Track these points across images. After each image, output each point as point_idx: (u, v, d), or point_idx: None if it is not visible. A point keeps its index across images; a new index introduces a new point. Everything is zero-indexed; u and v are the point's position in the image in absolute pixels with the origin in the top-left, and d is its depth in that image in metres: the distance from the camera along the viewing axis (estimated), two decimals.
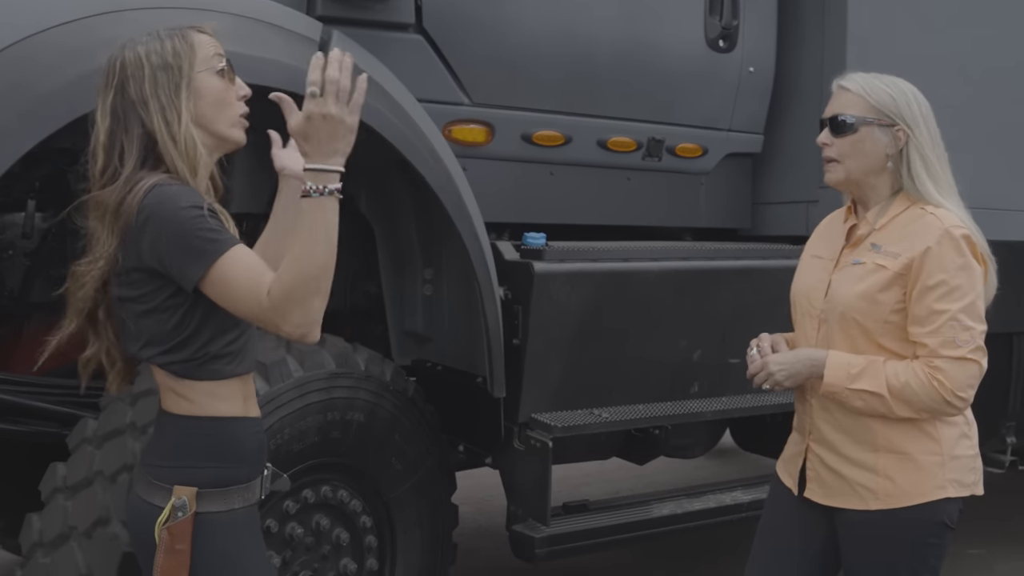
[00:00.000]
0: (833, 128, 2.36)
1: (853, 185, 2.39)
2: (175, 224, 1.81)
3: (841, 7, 3.76)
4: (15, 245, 3.19)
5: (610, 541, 3.30)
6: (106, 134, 1.90)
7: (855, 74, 2.40)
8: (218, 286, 1.82)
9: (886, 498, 2.28)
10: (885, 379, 2.24)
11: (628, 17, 3.52)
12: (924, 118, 2.33)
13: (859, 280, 2.31)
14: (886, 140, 2.32)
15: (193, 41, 1.96)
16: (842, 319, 2.32)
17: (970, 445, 2.36)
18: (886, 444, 2.29)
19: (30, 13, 2.44)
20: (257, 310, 1.80)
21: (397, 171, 3.07)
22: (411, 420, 3.05)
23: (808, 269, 2.49)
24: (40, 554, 2.50)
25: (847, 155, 2.34)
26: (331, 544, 2.93)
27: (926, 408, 2.24)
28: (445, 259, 3.24)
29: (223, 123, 1.98)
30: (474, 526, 5.35)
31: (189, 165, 1.89)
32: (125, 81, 1.90)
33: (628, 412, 3.28)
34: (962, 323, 2.21)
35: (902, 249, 2.27)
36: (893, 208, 2.35)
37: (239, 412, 1.96)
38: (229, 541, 1.92)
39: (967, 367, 2.22)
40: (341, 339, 3.00)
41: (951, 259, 2.23)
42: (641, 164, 3.68)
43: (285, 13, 2.79)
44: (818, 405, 2.39)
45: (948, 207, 2.30)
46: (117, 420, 2.55)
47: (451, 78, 3.24)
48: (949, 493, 2.28)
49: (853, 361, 2.28)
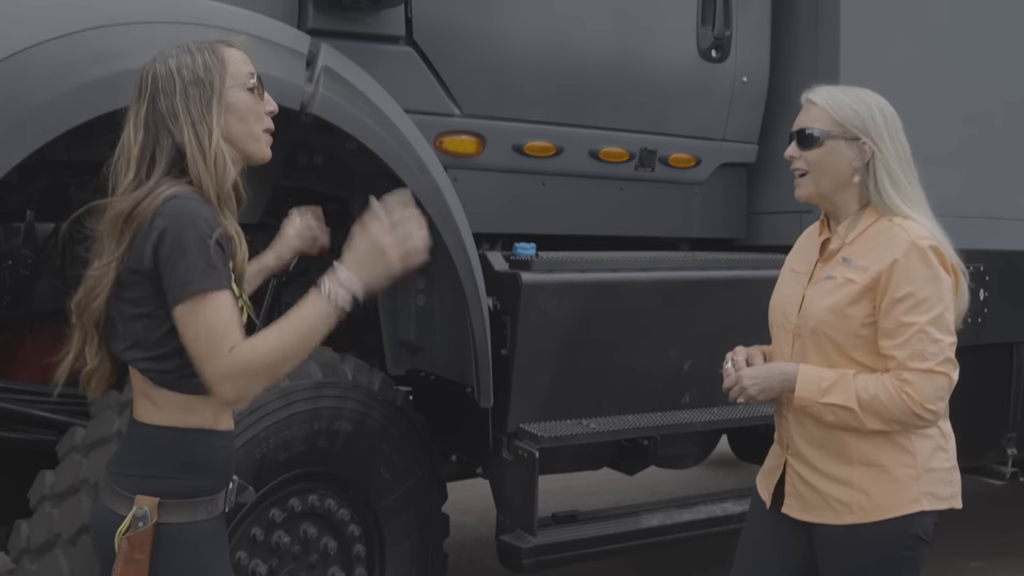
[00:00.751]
0: (800, 142, 2.38)
1: (823, 199, 2.40)
2: (181, 241, 1.83)
3: (834, 16, 3.76)
4: (15, 255, 3.24)
5: (598, 551, 3.31)
6: (139, 146, 1.91)
7: (822, 87, 2.41)
8: (188, 317, 1.84)
9: (860, 512, 2.28)
10: (855, 392, 2.23)
11: (619, 28, 3.54)
12: (890, 131, 2.34)
13: (829, 294, 2.32)
14: (851, 154, 2.33)
15: (224, 56, 1.98)
16: (814, 334, 2.33)
17: (946, 458, 2.34)
18: (860, 458, 2.28)
19: (24, 27, 2.48)
20: (209, 359, 1.83)
21: (390, 181, 3.10)
22: (400, 430, 3.07)
23: (785, 283, 2.50)
24: (27, 560, 2.54)
25: (814, 168, 2.36)
26: (319, 553, 2.95)
27: (896, 420, 2.23)
28: (437, 270, 3.26)
29: (251, 138, 2.01)
30: (476, 536, 5.36)
31: (217, 180, 1.91)
32: (156, 94, 1.92)
33: (617, 423, 3.29)
34: (930, 335, 2.21)
35: (870, 262, 2.27)
36: (862, 222, 2.35)
37: (208, 425, 1.97)
38: (190, 553, 1.92)
39: (935, 380, 2.21)
40: (329, 349, 3.02)
41: (918, 271, 2.23)
42: (634, 174, 3.70)
43: (274, 26, 2.82)
44: (793, 419, 2.40)
45: (916, 219, 2.30)
46: (104, 428, 2.58)
47: (442, 89, 3.27)
48: (924, 506, 2.27)
49: (824, 375, 2.28)
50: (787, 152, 2.41)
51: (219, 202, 1.92)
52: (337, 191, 3.33)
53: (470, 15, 3.26)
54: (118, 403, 2.64)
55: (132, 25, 2.55)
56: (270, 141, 2.05)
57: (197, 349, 1.85)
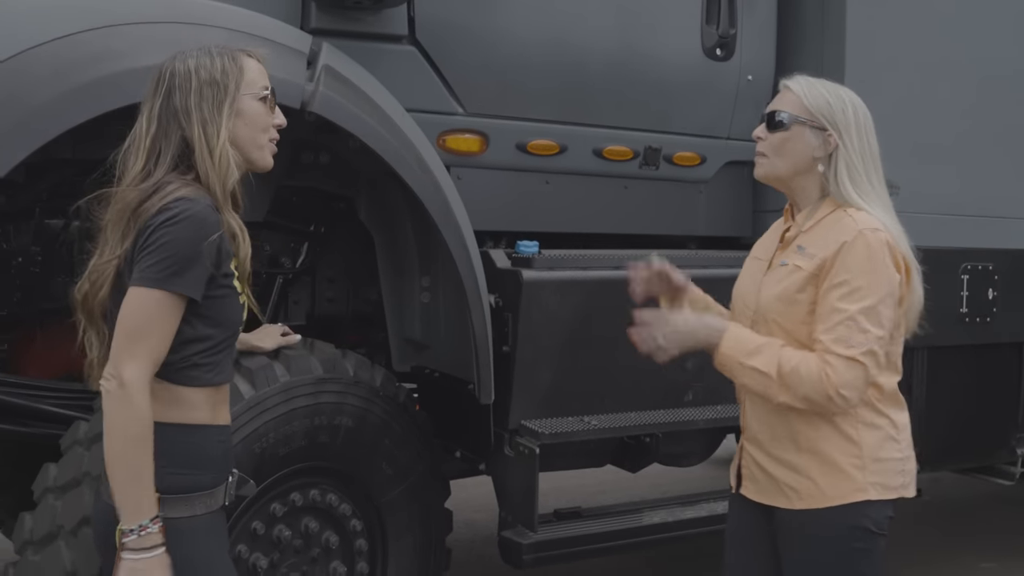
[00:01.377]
0: (768, 124, 2.42)
1: (781, 183, 2.44)
2: (172, 236, 1.88)
3: (840, 14, 3.76)
4: (25, 252, 3.29)
5: (599, 548, 3.32)
6: (150, 138, 1.98)
7: (801, 76, 2.47)
8: (132, 301, 1.88)
9: (808, 498, 2.31)
10: (777, 361, 2.24)
11: (623, 27, 3.55)
12: (859, 128, 2.36)
13: (779, 282, 2.36)
14: (815, 143, 2.36)
15: (242, 64, 2.05)
16: (765, 320, 2.36)
17: (898, 448, 2.36)
18: (807, 444, 2.31)
19: (26, 28, 2.53)
20: (124, 351, 1.87)
21: (393, 181, 3.12)
22: (402, 425, 3.10)
23: (747, 271, 2.54)
24: (30, 552, 2.58)
25: (775, 151, 2.40)
26: (320, 547, 2.98)
27: (806, 397, 2.23)
28: (441, 267, 3.28)
29: (255, 146, 2.07)
30: (487, 534, 5.37)
31: (220, 179, 1.97)
32: (172, 89, 1.99)
33: (619, 420, 3.30)
34: (859, 324, 2.21)
35: (819, 250, 2.30)
36: (820, 211, 2.38)
37: (207, 420, 2.00)
38: (190, 546, 1.96)
39: (855, 368, 2.21)
40: (330, 345, 3.05)
41: (859, 259, 2.24)
42: (638, 172, 3.70)
43: (275, 26, 2.86)
44: (749, 404, 2.44)
45: (869, 211, 2.32)
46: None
47: (444, 88, 3.29)
48: (870, 496, 2.28)
49: (752, 338, 2.31)
50: (755, 132, 2.46)
51: (223, 199, 1.97)
52: (342, 189, 3.36)
53: (472, 14, 3.28)
54: None
55: (133, 25, 2.59)
56: (274, 151, 2.12)
57: (120, 334, 1.89)
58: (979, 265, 4.19)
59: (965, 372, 4.26)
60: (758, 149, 2.44)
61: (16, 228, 3.22)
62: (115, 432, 1.87)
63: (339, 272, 3.64)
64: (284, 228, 3.44)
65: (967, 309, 4.16)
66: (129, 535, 1.86)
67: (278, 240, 3.45)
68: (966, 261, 4.16)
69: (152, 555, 1.86)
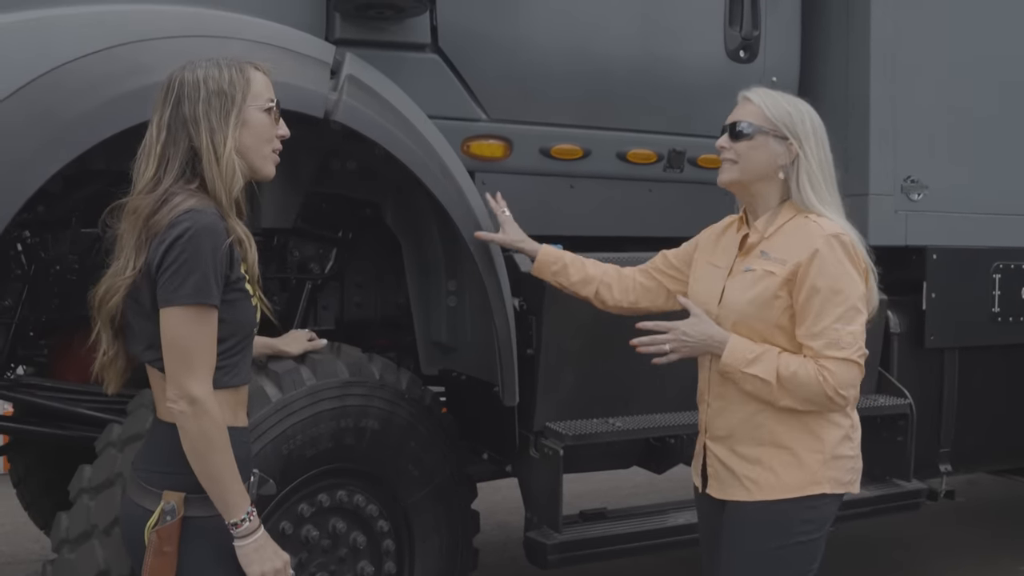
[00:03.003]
0: (732, 134, 2.53)
1: (744, 189, 2.54)
2: (189, 251, 1.94)
3: (864, 14, 3.75)
4: (63, 260, 3.39)
5: (624, 549, 3.33)
6: (160, 146, 2.05)
7: (759, 88, 2.57)
8: (171, 322, 1.96)
9: (767, 488, 2.42)
10: (776, 368, 2.36)
11: (645, 31, 3.57)
12: (816, 138, 2.48)
13: (750, 287, 2.45)
14: (779, 150, 2.46)
15: (250, 76, 2.12)
16: (735, 325, 2.45)
17: (852, 447, 2.49)
18: (772, 439, 2.42)
19: (61, 44, 2.61)
20: (185, 372, 1.96)
21: (418, 187, 3.17)
22: (428, 428, 3.14)
23: (705, 277, 2.64)
24: (66, 550, 2.67)
25: (741, 159, 2.50)
26: (348, 547, 3.03)
27: (809, 399, 2.36)
28: (466, 271, 3.32)
29: (259, 156, 2.14)
30: (520, 536, 5.42)
31: (226, 187, 2.04)
32: (181, 98, 2.05)
33: (643, 421, 3.32)
34: (845, 327, 2.34)
35: (789, 255, 2.40)
36: (780, 217, 2.49)
37: (228, 422, 2.06)
38: (215, 544, 2.02)
39: (850, 368, 2.35)
40: (356, 349, 3.10)
41: (835, 264, 2.36)
42: (663, 176, 3.72)
43: (300, 38, 2.92)
44: (713, 404, 2.55)
45: (830, 216, 2.43)
46: (139, 425, 2.69)
47: (468, 95, 3.33)
48: (825, 489, 2.42)
49: (752, 347, 2.41)
50: (718, 142, 2.56)
51: (228, 206, 2.03)
52: (370, 196, 3.42)
53: (494, 21, 3.32)
54: (152, 401, 2.74)
55: (162, 40, 2.66)
56: (277, 161, 2.19)
57: (172, 358, 1.96)
58: (1011, 264, 4.15)
59: (998, 372, 4.22)
60: (723, 157, 2.54)
61: (54, 237, 3.32)
62: (201, 445, 1.98)
63: (367, 277, 3.70)
64: (313, 235, 3.51)
65: (999, 309, 4.13)
66: (242, 524, 2.01)
67: (307, 246, 3.51)
68: (998, 260, 4.13)
69: (262, 530, 2.06)
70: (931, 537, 5.73)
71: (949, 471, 4.11)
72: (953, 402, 4.11)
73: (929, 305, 3.99)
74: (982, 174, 4.09)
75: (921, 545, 5.60)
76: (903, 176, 3.94)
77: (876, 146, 3.85)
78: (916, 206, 3.96)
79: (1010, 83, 4.12)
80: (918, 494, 3.87)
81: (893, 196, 3.92)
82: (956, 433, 4.13)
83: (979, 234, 4.10)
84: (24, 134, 2.47)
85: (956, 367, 4.11)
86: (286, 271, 3.50)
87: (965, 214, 4.06)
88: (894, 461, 3.86)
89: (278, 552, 2.07)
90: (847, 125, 3.87)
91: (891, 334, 3.91)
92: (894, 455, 3.85)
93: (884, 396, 3.83)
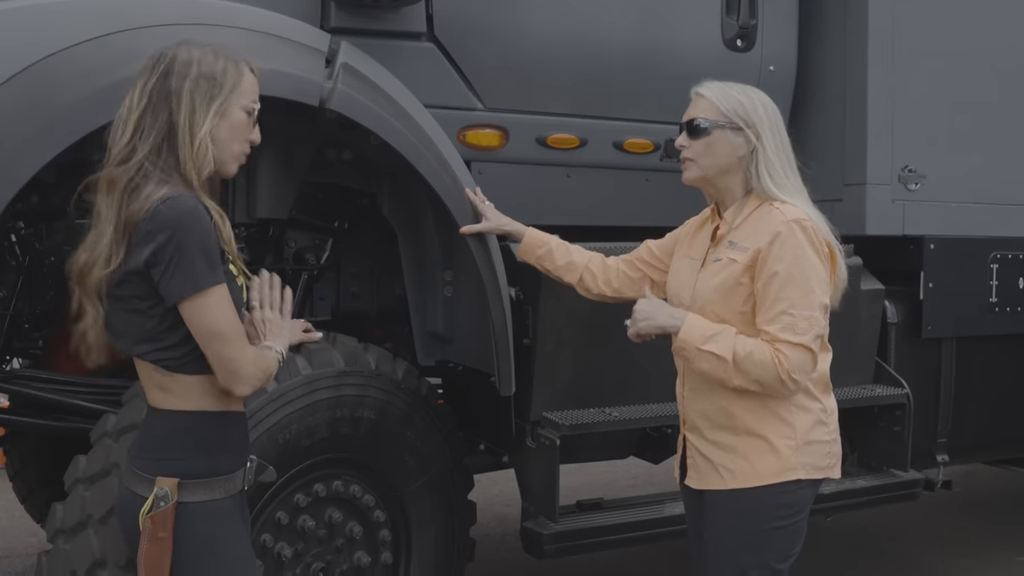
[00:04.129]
0: (689, 131, 2.56)
1: (709, 184, 2.58)
2: (183, 241, 1.94)
3: (862, 3, 3.75)
4: (58, 251, 3.38)
5: (620, 539, 3.33)
6: (139, 112, 2.03)
7: (711, 82, 2.60)
8: (198, 312, 1.98)
9: (742, 477, 2.44)
10: (733, 346, 2.38)
11: (641, 19, 3.56)
12: (771, 124, 2.51)
13: (715, 275, 2.49)
14: (737, 141, 2.49)
15: (242, 72, 2.12)
16: (702, 312, 2.48)
17: (827, 431, 2.51)
18: (745, 428, 2.45)
19: (55, 32, 2.60)
20: (231, 345, 2.01)
21: (414, 176, 3.16)
22: (424, 418, 3.14)
23: (682, 269, 2.67)
24: (61, 540, 2.66)
25: (702, 155, 2.53)
26: (344, 537, 3.03)
27: (760, 380, 2.37)
28: (462, 261, 3.32)
29: (228, 152, 2.13)
30: (517, 528, 5.42)
31: (197, 167, 2.03)
32: (170, 71, 2.04)
33: (639, 411, 3.31)
34: (802, 312, 2.35)
35: (751, 243, 2.43)
36: (747, 207, 2.52)
37: (222, 406, 2.06)
38: (209, 530, 2.02)
39: (804, 354, 2.36)
40: (352, 339, 3.10)
41: (793, 249, 2.38)
42: (659, 165, 3.71)
43: (295, 26, 2.91)
44: (689, 395, 2.58)
45: (792, 203, 2.45)
46: (134, 415, 2.68)
47: (464, 84, 3.33)
48: (800, 475, 2.43)
49: (710, 326, 2.43)
50: (677, 141, 2.60)
51: (198, 184, 2.03)
52: (365, 185, 3.40)
53: (490, 10, 3.31)
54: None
55: (157, 27, 2.64)
56: (242, 163, 2.19)
57: (214, 348, 1.99)
58: (1008, 254, 4.15)
59: (995, 362, 4.22)
60: (683, 156, 2.57)
61: (49, 228, 3.30)
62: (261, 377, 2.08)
63: (363, 268, 3.69)
64: (309, 225, 3.50)
65: (996, 299, 4.12)
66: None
67: (303, 237, 3.50)
68: (995, 250, 4.13)
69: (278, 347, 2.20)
70: (928, 527, 5.73)
71: (946, 461, 4.11)
72: (950, 392, 4.11)
73: (926, 295, 3.99)
74: (980, 164, 4.09)
75: (918, 535, 5.61)
76: (901, 166, 3.93)
77: (874, 136, 3.84)
78: (914, 196, 3.95)
79: (1008, 72, 4.11)
80: (915, 484, 3.87)
81: (891, 186, 3.91)
82: (953, 423, 4.13)
83: (977, 224, 4.10)
84: (17, 123, 2.46)
85: (953, 357, 4.11)
86: (282, 262, 3.48)
87: (963, 204, 4.06)
88: (891, 451, 3.86)
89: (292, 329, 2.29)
90: (844, 115, 3.86)
91: (888, 324, 3.90)
92: (891, 445, 3.85)
93: (881, 386, 3.83)
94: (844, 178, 3.87)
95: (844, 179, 3.87)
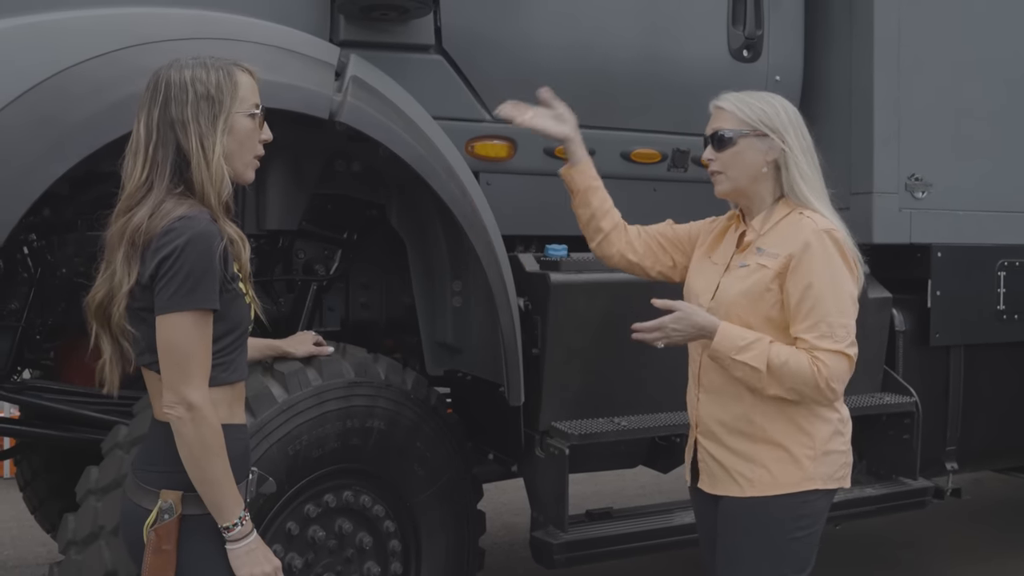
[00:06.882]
0: (715, 144, 2.56)
1: (740, 194, 2.58)
2: (184, 258, 1.95)
3: (868, 13, 3.75)
4: (69, 263, 3.40)
5: (630, 548, 3.34)
6: (146, 147, 2.04)
7: (728, 94, 2.60)
8: (167, 328, 1.96)
9: (761, 486, 2.44)
10: (767, 357, 2.37)
11: (648, 31, 3.57)
12: (794, 126, 2.51)
13: (743, 280, 2.48)
14: (763, 148, 2.50)
15: (237, 80, 2.10)
16: (727, 317, 2.47)
17: (843, 441, 2.51)
18: (764, 436, 2.44)
19: (67, 48, 2.62)
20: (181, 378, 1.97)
21: (423, 187, 3.18)
22: (433, 428, 3.15)
23: (703, 271, 2.67)
24: (73, 552, 2.67)
25: (730, 166, 2.53)
26: (354, 547, 3.04)
27: (796, 389, 2.37)
28: (471, 272, 3.33)
29: (241, 161, 2.14)
30: (526, 537, 5.40)
31: (216, 191, 2.04)
32: (168, 100, 2.04)
33: (648, 421, 3.32)
34: (838, 319, 2.37)
35: (781, 249, 2.43)
36: (775, 214, 2.52)
37: (224, 419, 2.06)
38: (213, 542, 2.03)
39: (842, 360, 2.38)
40: (362, 349, 3.11)
41: (827, 257, 2.39)
42: (667, 175, 3.73)
43: (305, 40, 2.93)
44: (704, 399, 2.57)
45: (822, 212, 2.47)
46: (145, 426, 2.67)
47: (472, 96, 3.35)
48: (817, 485, 2.44)
49: (744, 334, 2.42)
50: (703, 156, 2.59)
51: (218, 208, 2.04)
52: (375, 197, 3.42)
53: (498, 22, 3.33)
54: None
55: (168, 42, 2.66)
56: (257, 166, 2.19)
57: (168, 364, 1.97)
58: (1016, 262, 4.15)
59: (1003, 370, 4.22)
60: (711, 169, 2.57)
61: (60, 240, 3.33)
62: (198, 451, 1.98)
63: (373, 278, 3.71)
64: (318, 236, 3.52)
65: (1004, 306, 4.12)
66: (234, 527, 2.02)
67: (312, 248, 3.52)
68: (1003, 258, 4.13)
69: (255, 534, 2.06)
70: (937, 535, 5.72)
71: (955, 469, 4.11)
72: (959, 400, 4.11)
73: (934, 303, 3.99)
74: (987, 172, 4.09)
75: (927, 543, 5.60)
76: (907, 174, 3.94)
77: (880, 144, 3.85)
78: (920, 204, 3.96)
79: (1014, 80, 4.12)
80: (924, 492, 3.87)
81: (897, 194, 3.92)
82: (962, 431, 4.13)
83: (984, 232, 4.10)
84: (29, 138, 2.48)
85: (961, 365, 4.11)
86: (291, 272, 3.51)
87: (970, 212, 4.06)
88: (900, 459, 3.86)
89: (269, 557, 2.07)
90: (851, 123, 3.88)
91: (896, 332, 3.91)
92: (900, 453, 3.85)
93: (890, 394, 3.83)
94: (851, 187, 3.88)
95: (851, 188, 3.88)
